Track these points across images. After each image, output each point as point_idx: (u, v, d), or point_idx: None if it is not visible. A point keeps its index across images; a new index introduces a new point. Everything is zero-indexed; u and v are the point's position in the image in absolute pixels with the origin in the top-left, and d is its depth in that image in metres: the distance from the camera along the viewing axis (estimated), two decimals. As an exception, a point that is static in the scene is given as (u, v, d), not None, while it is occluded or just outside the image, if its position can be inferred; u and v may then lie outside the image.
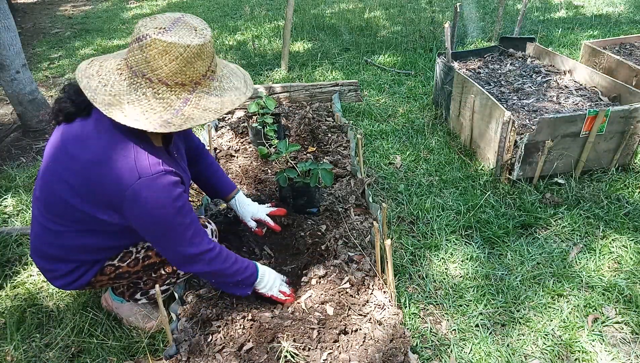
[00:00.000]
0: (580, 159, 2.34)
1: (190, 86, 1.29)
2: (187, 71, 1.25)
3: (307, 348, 1.49)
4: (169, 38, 1.21)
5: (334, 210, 2.14)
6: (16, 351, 1.66)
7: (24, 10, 7.33)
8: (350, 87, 3.41)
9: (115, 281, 1.59)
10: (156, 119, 1.25)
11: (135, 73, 1.26)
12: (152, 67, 1.23)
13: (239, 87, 1.41)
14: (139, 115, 1.24)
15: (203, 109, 1.30)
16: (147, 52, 1.22)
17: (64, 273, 1.50)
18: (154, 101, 1.26)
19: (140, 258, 1.56)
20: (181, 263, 1.46)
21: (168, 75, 1.24)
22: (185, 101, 1.28)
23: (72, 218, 1.39)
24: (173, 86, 1.26)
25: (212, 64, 1.32)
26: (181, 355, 1.50)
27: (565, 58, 3.02)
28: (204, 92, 1.31)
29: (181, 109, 1.27)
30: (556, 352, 1.58)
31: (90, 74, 1.31)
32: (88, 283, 1.54)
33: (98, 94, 1.26)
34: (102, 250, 1.50)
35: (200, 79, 1.30)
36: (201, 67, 1.28)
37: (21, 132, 3.29)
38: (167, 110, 1.26)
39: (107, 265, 1.54)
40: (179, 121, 1.26)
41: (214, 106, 1.32)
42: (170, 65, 1.23)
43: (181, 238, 1.39)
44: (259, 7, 6.49)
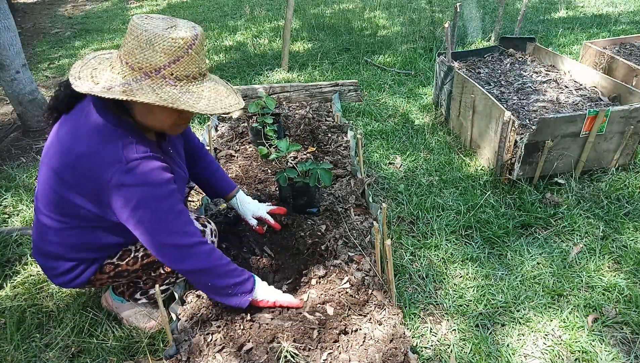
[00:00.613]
0: (580, 159, 2.34)
1: (139, 74, 1.24)
2: (137, 54, 1.23)
3: (307, 348, 1.49)
4: (139, 21, 1.26)
5: (334, 210, 2.14)
6: (16, 351, 1.66)
7: (24, 10, 7.33)
8: (350, 87, 3.40)
9: (115, 279, 1.59)
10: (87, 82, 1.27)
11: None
12: (122, 44, 1.28)
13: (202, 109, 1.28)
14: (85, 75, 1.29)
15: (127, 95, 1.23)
16: (126, 33, 1.29)
17: (63, 271, 1.50)
18: (108, 73, 1.28)
19: (139, 257, 1.56)
20: (172, 257, 1.38)
21: (124, 53, 1.26)
22: (125, 84, 1.24)
23: (69, 214, 1.39)
24: (124, 65, 1.26)
25: (176, 68, 1.25)
26: (181, 355, 1.50)
27: (565, 58, 3.02)
28: (151, 87, 1.24)
29: (113, 88, 1.24)
30: (556, 352, 1.58)
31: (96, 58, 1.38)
32: (88, 281, 1.54)
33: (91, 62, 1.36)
34: (101, 248, 1.50)
35: (150, 72, 1.24)
36: (153, 58, 1.22)
37: (21, 132, 3.29)
38: (106, 82, 1.26)
39: (107, 263, 1.54)
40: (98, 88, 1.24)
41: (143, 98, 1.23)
42: (129, 44, 1.25)
43: (171, 226, 1.34)
44: (259, 7, 6.49)
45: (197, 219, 1.66)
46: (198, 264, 1.40)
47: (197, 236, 1.40)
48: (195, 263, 1.39)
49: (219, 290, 1.48)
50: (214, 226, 1.73)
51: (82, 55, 5.02)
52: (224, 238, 1.98)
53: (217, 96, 1.34)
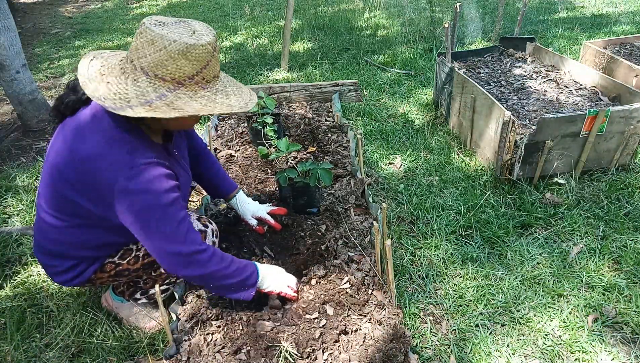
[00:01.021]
0: (580, 159, 2.34)
1: (172, 84, 1.25)
2: (168, 66, 1.22)
3: (307, 348, 1.49)
4: (160, 30, 1.21)
5: (334, 210, 2.14)
6: (16, 351, 1.66)
7: (24, 10, 7.33)
8: (350, 87, 3.40)
9: (116, 278, 1.59)
10: (122, 103, 1.23)
11: (127, 58, 1.28)
12: (138, 54, 1.24)
13: (232, 105, 1.34)
14: (109, 94, 1.24)
15: (173, 108, 1.24)
16: (138, 40, 1.23)
17: (64, 269, 1.50)
18: (131, 86, 1.25)
19: (140, 256, 1.56)
20: (174, 264, 1.38)
21: (149, 65, 1.23)
22: (161, 96, 1.24)
23: (71, 213, 1.40)
24: (152, 78, 1.24)
25: (205, 71, 1.28)
26: (181, 355, 1.50)
27: (565, 58, 3.02)
28: (187, 95, 1.27)
29: (152, 102, 1.23)
30: (556, 352, 1.58)
31: (93, 64, 1.33)
32: (88, 280, 1.54)
33: (89, 71, 1.29)
34: (102, 246, 1.50)
35: (184, 80, 1.26)
36: (186, 67, 1.24)
37: (21, 132, 3.29)
38: (139, 98, 1.23)
39: (108, 262, 1.54)
40: (142, 110, 1.22)
41: (190, 109, 1.25)
42: (153, 55, 1.21)
43: (173, 234, 1.34)
44: (259, 7, 6.49)
45: (198, 220, 1.66)
46: (197, 271, 1.40)
47: (197, 244, 1.39)
48: (194, 270, 1.40)
49: (221, 289, 1.50)
50: (215, 227, 1.74)
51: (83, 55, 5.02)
52: (224, 238, 1.98)
53: (237, 90, 1.40)
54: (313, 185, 2.01)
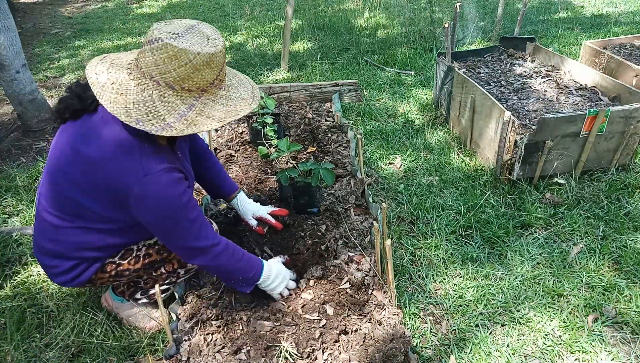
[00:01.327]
0: (580, 159, 2.34)
1: (197, 93, 1.30)
2: (194, 77, 1.26)
3: (307, 348, 1.49)
4: (181, 44, 1.22)
5: (334, 210, 2.14)
6: (16, 351, 1.66)
7: (24, 10, 7.33)
8: (350, 87, 3.40)
9: (116, 279, 1.59)
10: (159, 122, 1.25)
11: (144, 74, 1.26)
12: (160, 70, 1.24)
13: (246, 97, 1.42)
14: (142, 116, 1.25)
15: (207, 117, 1.31)
16: (157, 56, 1.23)
17: (63, 270, 1.50)
18: (159, 103, 1.26)
19: (141, 256, 1.56)
20: (187, 255, 1.48)
21: (176, 80, 1.25)
22: (190, 107, 1.29)
23: (74, 214, 1.41)
24: (179, 91, 1.28)
25: (221, 73, 1.34)
26: (181, 355, 1.50)
27: (565, 58, 3.02)
28: (210, 99, 1.33)
29: (185, 114, 1.28)
30: (556, 352, 1.58)
31: (100, 71, 1.32)
32: (89, 280, 1.54)
33: (105, 91, 1.27)
34: (103, 248, 1.50)
35: (207, 87, 1.31)
36: (209, 75, 1.29)
37: (21, 132, 3.29)
38: (171, 113, 1.27)
39: (108, 263, 1.54)
40: (182, 126, 1.27)
41: (218, 114, 1.32)
42: (179, 70, 1.24)
43: (188, 232, 1.41)
44: (259, 7, 6.49)
45: None
46: (210, 262, 1.49)
47: (211, 238, 1.47)
48: (208, 260, 1.49)
49: (226, 280, 1.60)
50: (215, 227, 1.75)
51: (83, 55, 5.03)
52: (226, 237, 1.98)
53: (244, 85, 1.46)
54: (315, 185, 2.01)
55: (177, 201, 1.36)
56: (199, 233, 1.44)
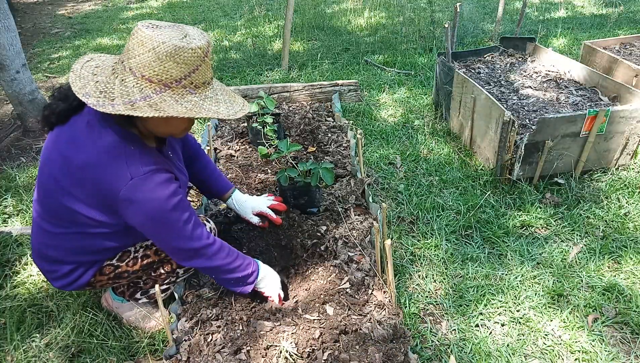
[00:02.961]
0: (580, 159, 2.34)
1: (158, 86, 1.24)
2: (155, 67, 1.21)
3: (307, 348, 1.49)
4: (151, 32, 1.21)
5: (334, 210, 2.14)
6: (16, 351, 1.66)
7: (24, 10, 7.33)
8: (350, 87, 3.40)
9: (115, 281, 1.59)
10: (105, 100, 1.23)
11: (120, 59, 1.28)
12: (128, 55, 1.24)
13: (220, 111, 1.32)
14: (93, 91, 1.24)
15: (155, 109, 1.23)
16: (130, 41, 1.24)
17: (63, 274, 1.50)
18: (118, 86, 1.24)
19: (139, 257, 1.56)
20: (182, 257, 1.46)
21: (137, 65, 1.23)
22: (145, 97, 1.23)
23: (68, 220, 1.40)
24: (140, 78, 1.23)
25: (195, 76, 1.26)
26: (181, 355, 1.50)
27: (565, 58, 3.02)
28: (173, 98, 1.25)
29: (135, 102, 1.23)
30: (556, 352, 1.58)
31: (88, 65, 1.33)
32: (88, 283, 1.54)
33: (82, 70, 1.30)
34: (100, 251, 1.50)
35: (171, 83, 1.24)
36: (174, 70, 1.22)
37: (21, 132, 3.29)
38: (122, 97, 1.23)
39: (106, 265, 1.54)
40: (123, 108, 1.22)
41: (172, 111, 1.24)
42: (142, 56, 1.21)
43: (180, 233, 1.40)
44: (259, 7, 6.49)
45: None
46: (206, 263, 1.48)
47: (204, 238, 1.46)
48: (204, 262, 1.48)
49: (223, 281, 1.58)
50: (213, 225, 1.75)
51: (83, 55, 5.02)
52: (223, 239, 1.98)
53: (230, 98, 1.38)
54: (314, 185, 2.01)
55: (166, 203, 1.34)
56: (192, 234, 1.42)
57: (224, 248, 1.52)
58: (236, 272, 1.54)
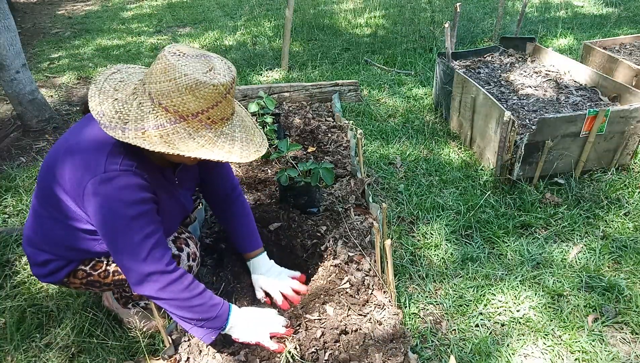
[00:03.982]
0: (580, 159, 2.34)
1: (174, 116, 1.20)
2: (174, 97, 1.18)
3: (307, 348, 1.49)
4: (176, 61, 1.18)
5: (334, 210, 2.14)
6: (16, 351, 1.66)
7: (24, 10, 7.33)
8: (350, 87, 3.40)
9: (88, 287, 1.54)
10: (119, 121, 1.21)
11: (142, 81, 1.25)
12: (150, 79, 1.21)
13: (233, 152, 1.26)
14: (109, 110, 1.23)
15: (166, 142, 1.19)
16: (154, 65, 1.20)
17: (39, 262, 1.48)
18: (135, 108, 1.22)
19: (110, 272, 1.50)
20: (132, 279, 1.31)
21: (157, 92, 1.19)
22: (158, 126, 1.20)
23: (52, 205, 1.37)
24: (157, 106, 1.20)
25: (213, 112, 1.22)
26: (181, 355, 1.50)
27: (565, 58, 3.02)
28: (187, 131, 1.21)
29: (147, 129, 1.19)
30: (556, 352, 1.58)
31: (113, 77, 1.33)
32: (61, 281, 1.51)
33: (105, 83, 1.29)
34: (72, 249, 1.44)
35: (187, 116, 1.20)
36: (192, 103, 1.18)
37: (21, 132, 3.29)
38: (137, 122, 1.20)
39: (79, 269, 1.49)
40: (133, 135, 1.19)
41: (182, 147, 1.19)
42: (162, 84, 1.18)
43: (134, 248, 1.27)
44: (259, 7, 6.49)
45: (174, 242, 1.58)
46: (157, 294, 1.31)
47: (161, 264, 1.30)
48: (153, 291, 1.31)
49: (179, 318, 1.39)
50: (194, 249, 1.62)
51: (83, 55, 5.02)
52: (224, 240, 1.98)
53: (247, 137, 1.33)
54: (314, 185, 2.00)
55: (130, 208, 1.25)
56: (147, 255, 1.27)
57: (183, 281, 1.33)
58: (194, 312, 1.35)
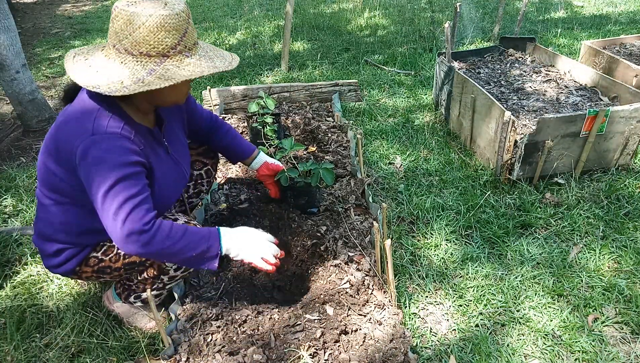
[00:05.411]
0: (580, 159, 2.34)
1: (157, 58, 1.30)
2: (150, 41, 1.26)
3: (307, 348, 1.49)
4: (134, 9, 1.25)
5: (334, 210, 2.14)
6: (16, 351, 1.66)
7: (24, 10, 7.33)
8: (350, 87, 3.40)
9: (99, 275, 1.57)
10: (116, 85, 1.27)
11: (109, 46, 1.33)
12: (119, 37, 1.28)
13: (219, 66, 1.39)
14: (101, 81, 1.28)
15: (165, 79, 1.28)
16: (115, 24, 1.28)
17: (50, 253, 1.51)
18: (120, 69, 1.29)
19: (121, 255, 1.53)
20: (117, 240, 1.32)
21: (133, 45, 1.28)
22: (150, 72, 1.29)
23: (53, 188, 1.41)
24: (138, 56, 1.29)
25: (185, 39, 1.32)
26: (180, 355, 1.50)
27: (565, 58, 3.02)
28: (174, 65, 1.31)
29: (144, 78, 1.28)
30: (556, 352, 1.58)
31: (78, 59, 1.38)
32: (73, 271, 1.54)
33: (75, 66, 1.34)
34: (81, 233, 1.48)
35: (168, 52, 1.30)
36: (167, 38, 1.28)
37: (21, 132, 3.29)
38: (130, 78, 1.28)
39: (91, 257, 1.53)
40: (135, 87, 1.27)
41: (180, 77, 1.30)
42: (135, 34, 1.26)
43: (116, 210, 1.28)
44: (259, 7, 6.49)
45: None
46: (141, 249, 1.32)
47: (139, 224, 1.30)
48: (139, 248, 1.32)
49: (180, 262, 1.43)
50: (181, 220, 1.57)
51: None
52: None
53: (218, 54, 1.44)
54: (315, 185, 2.00)
55: (113, 170, 1.27)
56: (127, 216, 1.28)
57: (161, 231, 1.33)
58: (187, 251, 1.38)
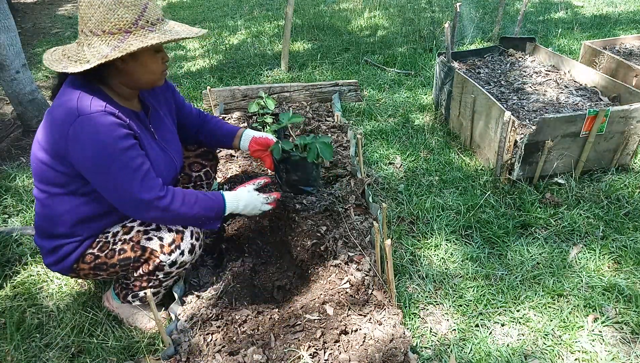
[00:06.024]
0: (580, 159, 2.34)
1: (120, 35, 1.34)
2: (111, 18, 1.32)
3: (307, 348, 1.49)
4: None
5: (334, 210, 2.14)
6: (16, 351, 1.66)
7: (24, 10, 7.33)
8: (350, 87, 3.40)
9: (97, 272, 1.58)
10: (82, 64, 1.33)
11: (79, 33, 1.39)
12: (84, 21, 1.35)
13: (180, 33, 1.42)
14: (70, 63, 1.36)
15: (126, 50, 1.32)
16: (80, 11, 1.34)
17: (48, 250, 1.54)
18: (87, 50, 1.35)
19: (116, 250, 1.54)
20: (133, 208, 1.43)
21: (95, 25, 1.33)
22: (114, 48, 1.33)
23: (46, 180, 1.44)
24: (102, 35, 1.34)
25: (148, 14, 1.36)
26: (180, 355, 1.50)
27: (565, 58, 3.02)
28: (139, 40, 1.35)
29: (108, 54, 1.32)
30: (556, 352, 1.58)
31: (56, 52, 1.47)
32: (71, 268, 1.56)
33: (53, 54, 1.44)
34: (76, 223, 1.50)
35: (130, 28, 1.34)
36: (127, 14, 1.33)
37: (21, 132, 3.29)
38: (95, 56, 1.33)
39: (88, 253, 1.55)
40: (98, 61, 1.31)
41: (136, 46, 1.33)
42: (95, 15, 1.32)
43: (129, 180, 1.38)
44: (259, 7, 6.49)
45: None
46: (161, 215, 1.46)
47: (157, 190, 1.43)
48: (157, 214, 1.45)
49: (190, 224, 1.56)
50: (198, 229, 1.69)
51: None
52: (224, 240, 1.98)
53: (187, 29, 1.47)
54: (311, 161, 1.84)
55: (114, 144, 1.34)
56: (142, 184, 1.39)
57: (176, 197, 1.47)
58: (199, 217, 1.53)
